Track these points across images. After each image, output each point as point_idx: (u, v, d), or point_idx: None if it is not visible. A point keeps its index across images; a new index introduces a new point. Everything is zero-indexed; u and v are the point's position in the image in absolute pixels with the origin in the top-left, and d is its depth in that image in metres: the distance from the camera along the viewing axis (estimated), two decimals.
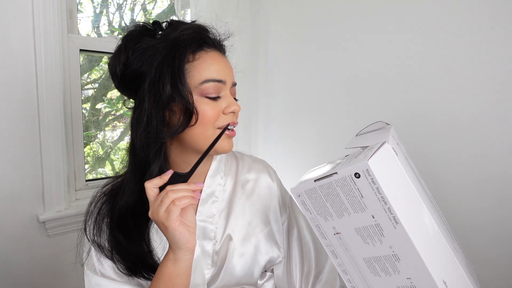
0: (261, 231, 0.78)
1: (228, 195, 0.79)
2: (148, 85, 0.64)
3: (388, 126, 0.69)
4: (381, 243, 0.53)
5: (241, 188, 0.80)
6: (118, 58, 0.67)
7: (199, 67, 0.66)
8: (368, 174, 0.47)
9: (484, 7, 1.04)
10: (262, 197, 0.81)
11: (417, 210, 0.51)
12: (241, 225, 0.77)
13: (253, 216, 0.79)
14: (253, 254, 0.75)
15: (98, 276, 0.67)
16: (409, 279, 0.54)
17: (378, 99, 1.35)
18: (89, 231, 0.70)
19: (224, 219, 0.76)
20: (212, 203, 0.76)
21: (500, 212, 1.04)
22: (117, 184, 0.73)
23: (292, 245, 0.82)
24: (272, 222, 0.80)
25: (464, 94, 1.10)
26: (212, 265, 0.73)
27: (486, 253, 1.07)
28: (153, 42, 0.66)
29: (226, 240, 0.74)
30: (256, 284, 0.78)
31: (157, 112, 0.64)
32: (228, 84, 0.69)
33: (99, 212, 0.71)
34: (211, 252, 0.73)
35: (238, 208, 0.78)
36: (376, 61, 1.34)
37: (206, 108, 0.66)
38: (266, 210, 0.81)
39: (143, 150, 0.65)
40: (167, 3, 1.78)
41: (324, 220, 0.56)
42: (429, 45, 1.18)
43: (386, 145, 0.50)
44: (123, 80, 0.69)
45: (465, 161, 1.11)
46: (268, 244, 0.78)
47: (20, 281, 1.26)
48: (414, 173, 0.60)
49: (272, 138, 1.86)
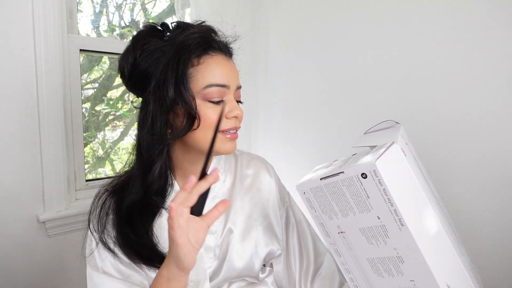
0: (261, 224, 0.80)
1: (228, 190, 0.80)
2: (153, 88, 0.65)
3: (398, 125, 0.69)
4: (385, 244, 0.53)
5: (240, 184, 0.82)
6: (127, 58, 0.69)
7: (203, 72, 0.66)
8: (375, 175, 0.47)
9: (495, 7, 1.04)
10: (261, 192, 0.83)
11: (423, 213, 0.51)
12: (241, 218, 0.79)
13: (252, 210, 0.81)
14: (254, 247, 0.77)
15: (99, 273, 0.68)
16: (412, 281, 0.54)
17: (377, 99, 1.35)
18: (93, 226, 0.71)
19: (225, 214, 0.78)
20: (212, 198, 0.77)
21: (510, 214, 1.03)
22: (121, 182, 0.74)
23: (291, 240, 0.84)
24: (271, 216, 0.82)
25: (471, 95, 1.09)
26: (214, 259, 0.74)
27: (491, 255, 1.07)
28: (160, 44, 0.67)
29: (227, 234, 0.76)
30: (258, 277, 0.80)
31: (161, 115, 0.65)
32: (232, 88, 0.69)
33: (102, 207, 0.71)
34: (213, 246, 0.74)
35: (238, 202, 0.80)
36: (375, 61, 1.35)
37: (209, 112, 0.66)
38: (265, 204, 0.83)
39: (147, 150, 0.67)
40: (167, 3, 1.78)
41: (328, 219, 0.56)
42: (434, 45, 1.18)
43: (395, 145, 0.49)
44: (130, 80, 0.71)
45: (472, 163, 1.10)
46: (268, 236, 0.80)
47: (20, 281, 1.25)
48: (422, 174, 0.60)
49: (272, 138, 1.86)
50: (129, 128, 1.75)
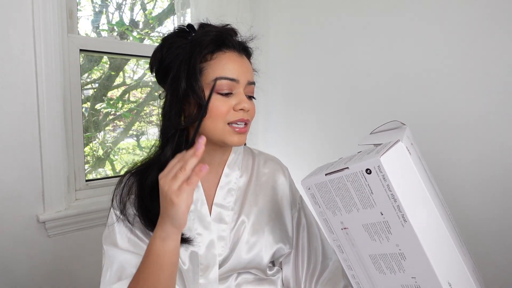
0: (272, 220, 0.83)
1: (244, 185, 0.85)
2: (170, 80, 0.73)
3: (404, 126, 0.69)
4: (388, 241, 0.53)
5: (256, 180, 0.87)
6: (155, 55, 0.77)
7: (214, 66, 0.72)
8: (379, 171, 0.47)
9: (497, 8, 1.04)
10: (275, 190, 0.87)
11: (426, 210, 0.51)
12: (254, 213, 0.82)
13: (265, 206, 0.84)
14: (264, 241, 0.80)
15: (113, 247, 0.73)
16: (414, 279, 0.54)
17: (378, 101, 1.36)
18: (115, 203, 0.76)
19: (239, 206, 0.82)
20: (228, 191, 0.82)
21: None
22: (144, 164, 0.80)
23: (300, 240, 0.87)
24: (283, 214, 0.86)
25: (472, 96, 1.09)
26: (225, 248, 0.78)
27: (494, 259, 1.06)
28: (182, 43, 0.75)
29: (239, 226, 0.80)
30: (265, 272, 0.83)
31: (176, 104, 0.72)
32: (242, 82, 0.74)
33: (125, 186, 0.77)
34: (225, 235, 0.78)
35: (252, 197, 0.84)
36: (376, 62, 1.35)
37: (217, 103, 0.71)
38: (278, 202, 0.87)
39: (162, 134, 0.75)
40: (167, 3, 1.78)
41: (332, 214, 0.57)
42: (435, 46, 1.18)
43: (399, 143, 0.50)
44: (157, 75, 0.79)
45: (472, 164, 1.10)
46: (278, 233, 0.83)
47: (20, 281, 1.25)
48: (426, 174, 0.60)
49: (272, 139, 1.86)
50: (129, 128, 1.75)
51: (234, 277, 0.80)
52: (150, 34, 1.76)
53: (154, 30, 1.77)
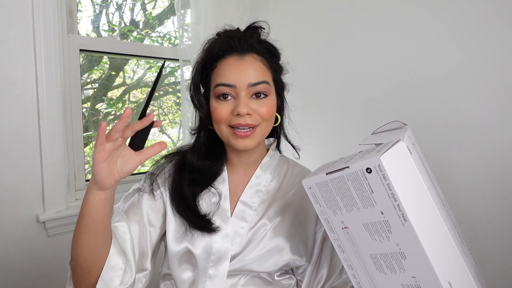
0: (294, 229, 0.83)
1: (273, 190, 0.86)
2: (189, 90, 0.83)
3: (405, 126, 0.70)
4: (388, 240, 0.53)
5: (286, 188, 0.87)
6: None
7: (216, 74, 0.77)
8: (379, 170, 0.47)
9: (497, 9, 1.04)
10: (303, 202, 0.86)
11: (427, 209, 0.51)
12: (277, 219, 0.83)
13: (290, 215, 0.84)
14: (279, 248, 0.80)
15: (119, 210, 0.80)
16: (414, 278, 0.54)
17: (379, 101, 1.36)
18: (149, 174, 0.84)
19: (263, 209, 0.83)
20: (256, 191, 0.84)
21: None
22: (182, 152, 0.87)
23: (323, 255, 0.86)
24: (306, 226, 0.85)
25: (472, 97, 1.10)
26: (240, 245, 0.79)
27: (494, 259, 1.06)
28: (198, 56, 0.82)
29: (259, 227, 0.81)
30: (273, 277, 0.82)
31: (195, 109, 0.82)
32: (241, 86, 0.74)
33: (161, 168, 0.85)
34: (242, 233, 0.80)
35: (279, 203, 0.85)
36: (377, 63, 1.35)
37: (216, 108, 0.76)
38: (305, 214, 0.86)
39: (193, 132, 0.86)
40: (167, 3, 1.78)
41: (333, 214, 0.57)
42: (435, 48, 1.18)
43: (400, 142, 0.50)
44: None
45: (473, 165, 1.10)
46: (296, 244, 0.82)
47: (20, 281, 1.25)
48: (428, 174, 0.60)
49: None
50: None
51: (243, 276, 0.80)
52: (150, 34, 1.76)
53: (154, 30, 1.78)
